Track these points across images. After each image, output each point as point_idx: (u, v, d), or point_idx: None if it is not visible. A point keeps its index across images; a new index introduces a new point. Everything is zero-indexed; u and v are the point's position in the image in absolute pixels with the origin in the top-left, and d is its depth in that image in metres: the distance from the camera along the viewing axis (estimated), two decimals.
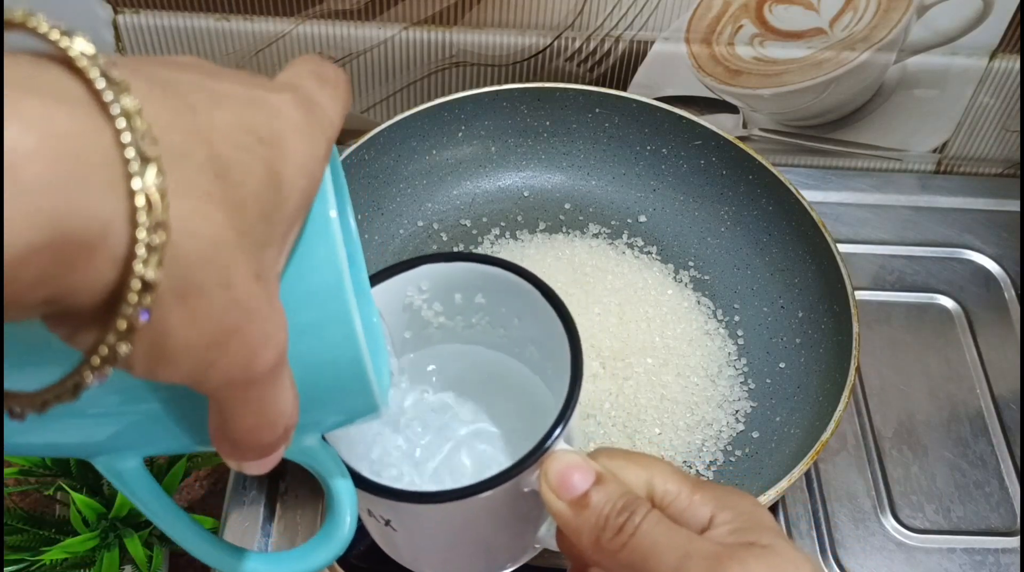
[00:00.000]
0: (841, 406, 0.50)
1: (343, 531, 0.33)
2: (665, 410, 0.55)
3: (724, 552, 0.29)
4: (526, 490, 0.34)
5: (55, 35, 0.20)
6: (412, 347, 0.41)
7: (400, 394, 0.41)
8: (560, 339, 0.37)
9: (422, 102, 0.61)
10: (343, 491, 0.33)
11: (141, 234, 0.20)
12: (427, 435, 0.40)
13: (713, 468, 0.54)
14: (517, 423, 0.40)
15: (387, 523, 0.36)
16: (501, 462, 0.38)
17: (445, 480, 0.38)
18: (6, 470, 0.62)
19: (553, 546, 0.37)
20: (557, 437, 0.33)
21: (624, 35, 0.68)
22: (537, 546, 0.38)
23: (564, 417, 0.34)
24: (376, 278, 0.38)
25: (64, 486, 0.60)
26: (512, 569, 0.40)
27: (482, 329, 0.41)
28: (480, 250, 0.63)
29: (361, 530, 0.55)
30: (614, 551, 0.30)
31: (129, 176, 0.20)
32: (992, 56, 0.69)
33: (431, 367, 0.42)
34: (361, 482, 0.33)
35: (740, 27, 0.67)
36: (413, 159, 0.63)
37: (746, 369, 0.58)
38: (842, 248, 0.57)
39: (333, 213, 0.26)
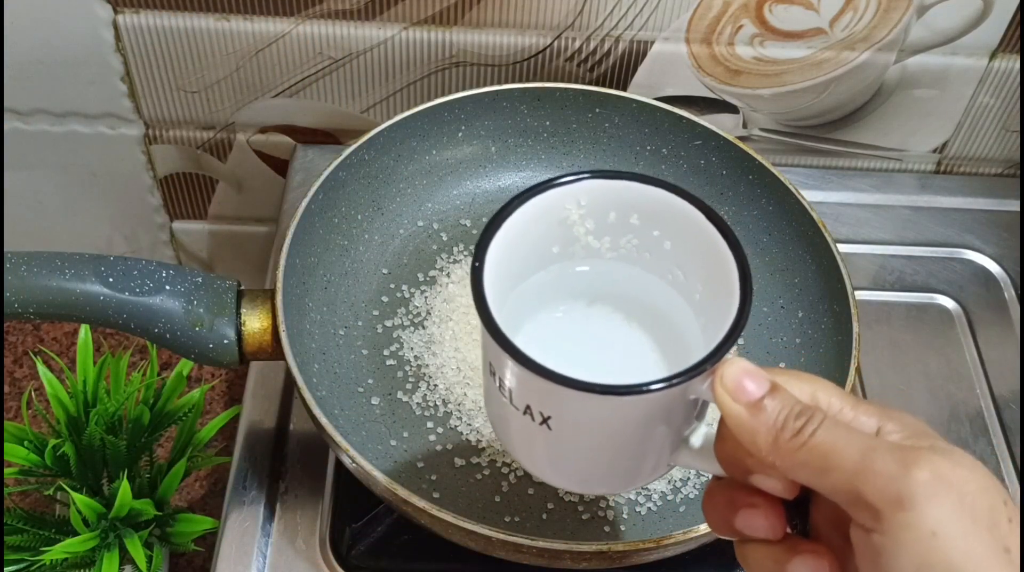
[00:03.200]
0: None
1: None
2: None
3: (908, 448, 0.30)
4: (691, 397, 0.35)
5: None
6: (558, 260, 0.42)
7: (551, 306, 0.42)
8: (721, 261, 0.37)
9: (422, 102, 0.61)
10: None
11: None
12: (578, 346, 0.41)
13: None
14: (659, 340, 0.41)
15: (545, 421, 0.36)
16: (650, 373, 0.39)
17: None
18: (6, 470, 0.62)
19: (692, 465, 0.38)
20: (731, 345, 0.34)
21: (624, 35, 0.68)
22: (670, 464, 0.39)
23: (737, 327, 0.34)
24: (538, 188, 0.39)
25: (64, 486, 0.60)
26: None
27: (627, 251, 0.41)
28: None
29: (362, 531, 0.55)
30: (793, 450, 0.31)
31: None
32: (992, 56, 0.69)
33: (577, 281, 0.42)
34: (548, 374, 0.33)
35: (740, 27, 0.67)
36: (413, 159, 0.63)
37: None
38: (842, 248, 0.57)
39: None
